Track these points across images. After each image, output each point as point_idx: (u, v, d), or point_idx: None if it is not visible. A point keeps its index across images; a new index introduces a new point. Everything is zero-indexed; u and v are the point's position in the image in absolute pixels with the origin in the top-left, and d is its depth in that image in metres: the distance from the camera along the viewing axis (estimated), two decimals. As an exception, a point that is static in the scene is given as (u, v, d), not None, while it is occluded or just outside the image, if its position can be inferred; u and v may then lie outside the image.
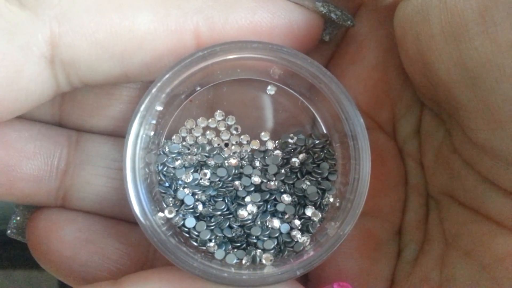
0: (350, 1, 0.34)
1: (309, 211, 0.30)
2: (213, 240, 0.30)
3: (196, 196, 0.31)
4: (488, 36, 0.24)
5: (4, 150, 0.29)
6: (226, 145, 0.33)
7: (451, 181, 0.31)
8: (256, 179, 0.31)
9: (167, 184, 0.31)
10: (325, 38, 0.33)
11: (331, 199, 0.31)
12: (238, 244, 0.30)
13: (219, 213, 0.30)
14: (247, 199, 0.31)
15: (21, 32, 0.25)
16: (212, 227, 0.30)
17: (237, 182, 0.31)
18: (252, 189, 0.31)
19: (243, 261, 0.29)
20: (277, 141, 0.33)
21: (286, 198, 0.31)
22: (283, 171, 0.32)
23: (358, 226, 0.32)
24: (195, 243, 0.30)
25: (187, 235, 0.30)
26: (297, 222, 0.30)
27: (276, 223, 0.30)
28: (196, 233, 0.30)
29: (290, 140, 0.33)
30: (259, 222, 0.30)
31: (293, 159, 0.32)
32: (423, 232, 0.33)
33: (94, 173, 0.31)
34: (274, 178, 0.31)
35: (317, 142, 0.32)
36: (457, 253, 0.30)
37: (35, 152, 0.30)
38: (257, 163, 0.32)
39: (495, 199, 0.29)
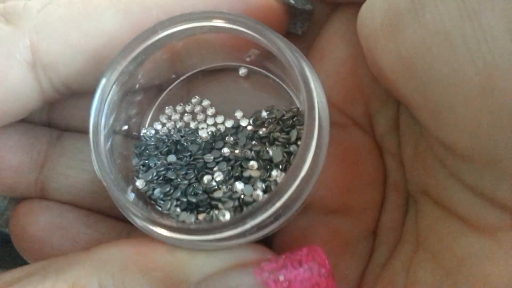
0: None
1: (274, 173, 0.29)
2: (177, 206, 0.30)
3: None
4: (418, 21, 0.23)
5: None
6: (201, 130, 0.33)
7: (427, 178, 0.29)
8: (226, 150, 0.31)
9: (142, 163, 0.32)
10: (297, 31, 0.33)
11: None
12: (202, 209, 0.29)
13: (186, 182, 0.30)
14: (215, 168, 0.31)
15: (5, 43, 0.28)
16: (178, 195, 0.30)
17: (207, 155, 0.32)
18: (221, 159, 0.31)
19: (201, 219, 0.28)
20: (250, 118, 0.33)
21: (252, 164, 0.30)
22: (253, 142, 0.32)
23: (325, 223, 0.31)
24: (159, 209, 0.30)
25: (154, 203, 0.30)
26: (261, 184, 0.29)
27: (238, 185, 0.29)
28: (162, 201, 0.30)
29: (262, 115, 0.33)
30: (223, 187, 0.30)
31: (262, 129, 0.32)
32: (398, 233, 0.30)
33: (69, 166, 0.33)
34: (242, 149, 0.31)
35: (287, 112, 0.32)
36: (425, 255, 0.27)
37: (17, 145, 0.33)
38: (228, 138, 0.32)
39: (459, 194, 0.26)
